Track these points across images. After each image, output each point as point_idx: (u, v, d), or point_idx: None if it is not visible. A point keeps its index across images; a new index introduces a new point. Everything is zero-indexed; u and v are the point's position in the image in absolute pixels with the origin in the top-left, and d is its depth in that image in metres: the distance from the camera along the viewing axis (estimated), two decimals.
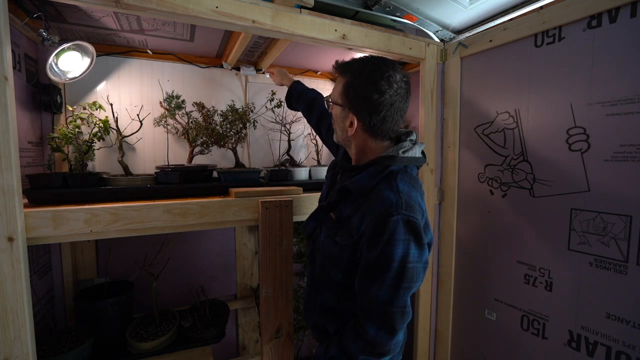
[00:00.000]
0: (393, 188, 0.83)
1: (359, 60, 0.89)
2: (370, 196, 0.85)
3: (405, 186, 0.85)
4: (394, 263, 0.78)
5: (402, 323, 0.82)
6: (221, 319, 1.55)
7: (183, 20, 1.17)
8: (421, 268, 0.83)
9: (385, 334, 0.82)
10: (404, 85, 0.88)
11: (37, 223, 0.97)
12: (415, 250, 0.80)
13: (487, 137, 1.49)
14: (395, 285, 0.79)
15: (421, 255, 0.82)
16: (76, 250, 1.59)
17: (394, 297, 0.80)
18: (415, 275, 0.81)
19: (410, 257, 0.79)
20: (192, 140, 1.59)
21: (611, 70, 1.08)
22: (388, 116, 0.87)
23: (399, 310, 0.81)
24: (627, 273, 1.05)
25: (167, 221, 1.13)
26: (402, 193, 0.82)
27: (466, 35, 1.55)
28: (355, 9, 1.42)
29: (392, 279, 0.79)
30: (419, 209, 0.83)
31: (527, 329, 1.35)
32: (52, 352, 1.21)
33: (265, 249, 1.25)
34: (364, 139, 0.91)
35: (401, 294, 0.80)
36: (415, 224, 0.80)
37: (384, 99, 0.84)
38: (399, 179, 0.85)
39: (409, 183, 0.87)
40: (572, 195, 1.19)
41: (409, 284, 0.80)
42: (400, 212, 0.79)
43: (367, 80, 0.84)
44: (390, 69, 0.86)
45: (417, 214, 0.81)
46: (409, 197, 0.83)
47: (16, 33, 1.25)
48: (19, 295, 0.92)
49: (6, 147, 0.88)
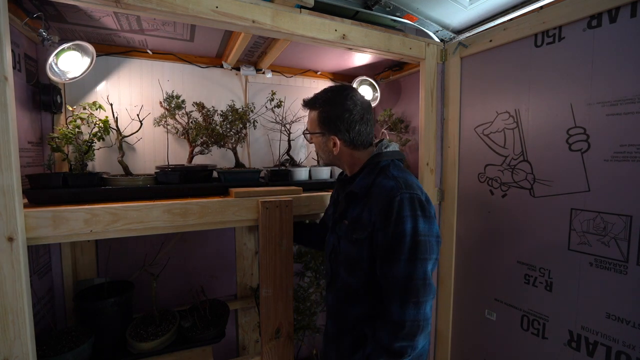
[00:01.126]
0: (389, 176, 0.94)
1: (322, 92, 1.05)
2: (372, 190, 0.94)
3: (399, 172, 0.96)
4: (406, 238, 0.84)
5: (425, 295, 0.84)
6: (221, 319, 1.55)
7: (183, 20, 1.17)
8: (434, 241, 0.88)
9: (410, 310, 0.83)
10: (364, 99, 1.05)
11: (37, 223, 0.97)
12: (423, 223, 0.86)
13: (487, 137, 1.49)
14: (410, 259, 0.84)
15: (431, 228, 0.88)
16: (76, 250, 1.59)
17: (412, 270, 0.84)
18: (428, 247, 0.86)
19: (421, 230, 0.85)
20: (192, 140, 1.59)
21: (611, 70, 1.08)
22: (362, 128, 1.02)
23: (419, 282, 0.83)
24: (627, 273, 1.05)
25: (167, 221, 1.13)
26: (398, 177, 0.92)
27: (466, 35, 1.55)
28: (355, 9, 1.42)
29: (407, 254, 0.84)
30: (417, 187, 0.92)
31: (527, 329, 1.35)
32: (52, 352, 1.21)
33: (265, 249, 1.25)
34: (349, 153, 1.04)
35: (418, 266, 0.84)
36: (418, 199, 0.88)
37: (354, 116, 1.00)
38: (391, 169, 0.97)
39: (401, 170, 0.98)
40: (572, 195, 1.19)
41: (424, 256, 0.85)
42: (401, 191, 0.87)
43: (335, 105, 1.00)
44: (350, 90, 1.03)
45: (417, 190, 0.90)
46: (405, 179, 0.93)
47: (16, 33, 1.25)
48: (19, 295, 0.92)
49: (6, 147, 0.88)
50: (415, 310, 0.83)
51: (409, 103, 2.03)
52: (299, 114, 2.00)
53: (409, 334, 0.84)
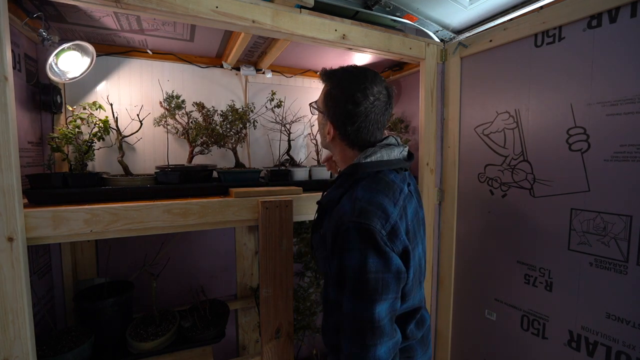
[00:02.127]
0: (352, 196, 0.80)
1: (341, 69, 0.90)
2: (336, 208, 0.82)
3: (366, 192, 0.80)
4: (349, 273, 0.75)
5: (373, 339, 0.73)
6: (221, 319, 1.55)
7: (183, 20, 1.17)
8: (391, 278, 0.75)
9: (356, 350, 0.75)
10: (383, 97, 0.86)
11: (37, 223, 0.97)
12: (375, 259, 0.73)
13: (487, 137, 1.49)
14: (356, 297, 0.75)
15: (387, 264, 0.74)
16: (76, 250, 1.59)
17: (358, 310, 0.74)
18: (381, 286, 0.74)
19: (370, 267, 0.73)
20: (192, 140, 1.59)
21: (611, 70, 1.08)
22: (363, 127, 0.86)
23: (365, 324, 0.73)
24: (627, 273, 1.05)
25: (167, 221, 1.13)
26: (358, 200, 0.78)
27: (466, 35, 1.55)
28: (355, 9, 1.42)
29: (352, 291, 0.75)
30: (379, 214, 0.76)
31: (527, 329, 1.35)
32: (52, 352, 1.21)
33: (265, 249, 1.25)
34: (341, 147, 0.92)
35: (364, 307, 0.73)
36: (368, 231, 0.73)
37: (358, 110, 0.84)
38: (361, 186, 0.82)
39: (374, 188, 0.81)
40: (572, 195, 1.19)
41: (373, 296, 0.73)
42: (351, 219, 0.75)
43: (344, 91, 0.85)
44: (369, 81, 0.85)
45: (373, 220, 0.74)
46: (369, 202, 0.77)
47: (16, 33, 1.25)
48: (19, 295, 0.92)
49: (6, 147, 0.88)
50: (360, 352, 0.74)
51: (409, 103, 2.03)
52: (299, 113, 2.00)
53: None
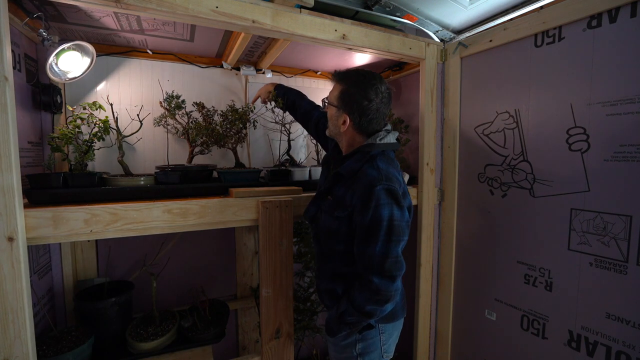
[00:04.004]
0: (374, 166, 1.05)
1: (354, 71, 1.12)
2: (358, 175, 1.06)
3: (384, 164, 1.06)
4: (383, 222, 0.98)
5: (398, 270, 0.99)
6: (221, 319, 1.55)
7: (183, 20, 1.17)
8: (405, 226, 1.03)
9: (386, 281, 0.98)
10: (387, 94, 1.11)
11: (37, 223, 0.97)
12: (397, 211, 1.00)
13: (487, 137, 1.49)
14: (387, 240, 0.99)
15: (402, 215, 1.02)
16: (76, 250, 1.59)
17: (388, 249, 0.98)
18: (401, 230, 1.01)
19: (395, 216, 0.99)
20: (192, 140, 1.59)
21: (611, 70, 1.08)
22: (374, 118, 1.09)
23: (393, 259, 0.99)
24: (627, 273, 1.05)
25: (167, 221, 1.13)
26: (381, 169, 1.03)
27: (466, 35, 1.55)
28: (355, 9, 1.42)
29: (385, 235, 0.98)
30: (396, 180, 1.04)
31: (527, 329, 1.35)
32: (52, 352, 1.21)
33: (265, 249, 1.25)
34: (352, 135, 1.13)
35: (393, 246, 0.99)
36: (394, 191, 1.00)
37: (371, 105, 1.07)
38: (379, 160, 1.07)
39: (387, 162, 1.09)
40: (572, 195, 1.19)
41: (397, 238, 0.99)
42: (382, 182, 0.99)
43: (359, 90, 1.07)
44: (378, 81, 1.09)
45: (395, 184, 1.02)
46: (388, 172, 1.04)
47: (16, 33, 1.25)
48: (19, 295, 0.92)
49: (6, 147, 0.88)
50: (390, 281, 0.98)
51: (408, 103, 2.02)
52: None
53: (381, 301, 1.00)
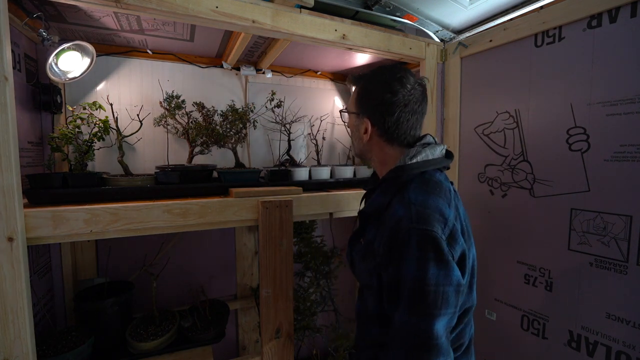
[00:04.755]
0: (404, 200, 0.76)
1: (374, 69, 0.89)
2: (385, 214, 0.79)
3: (419, 194, 0.76)
4: (408, 284, 0.69)
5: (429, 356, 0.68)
6: (221, 319, 1.55)
7: (183, 20, 1.17)
8: (451, 291, 0.69)
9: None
10: (419, 87, 0.84)
11: (37, 223, 0.97)
12: (435, 269, 0.68)
13: (487, 137, 1.49)
14: (413, 311, 0.69)
15: (447, 275, 0.69)
16: (76, 250, 1.59)
17: (414, 325, 0.69)
18: (441, 300, 0.68)
19: (430, 279, 0.67)
20: (192, 140, 1.59)
21: (611, 70, 1.08)
22: (402, 117, 0.82)
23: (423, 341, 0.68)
24: (627, 273, 1.05)
25: (167, 221, 1.13)
26: (412, 204, 0.74)
27: (466, 35, 1.55)
28: (355, 9, 1.42)
29: (410, 304, 0.69)
30: (438, 218, 0.72)
31: (527, 329, 1.35)
32: (52, 352, 1.21)
33: (265, 249, 1.25)
34: (380, 146, 0.87)
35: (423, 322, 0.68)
36: (430, 238, 0.69)
37: (396, 99, 0.81)
38: (412, 189, 0.78)
39: (425, 190, 0.78)
40: (572, 195, 1.19)
41: (430, 310, 0.67)
42: (410, 225, 0.70)
43: (379, 83, 0.84)
44: (403, 71, 0.84)
45: (434, 225, 0.70)
46: (424, 205, 0.73)
47: (16, 33, 1.25)
48: (19, 295, 0.92)
49: (6, 147, 0.88)
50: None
51: None
52: (299, 113, 2.00)
53: None
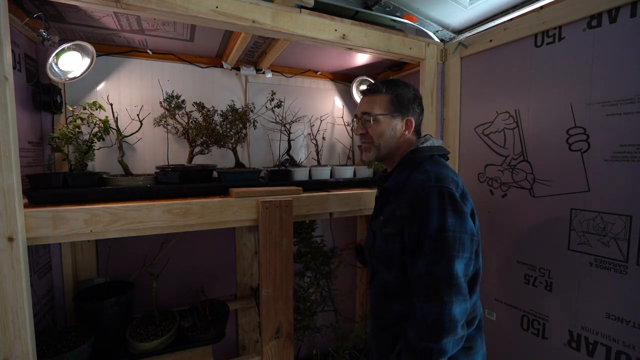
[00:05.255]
0: (422, 171, 0.91)
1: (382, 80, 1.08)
2: (405, 186, 0.92)
3: (433, 166, 0.92)
4: (431, 232, 0.80)
5: (449, 294, 0.78)
6: (221, 319, 1.55)
7: (183, 20, 1.17)
8: (467, 239, 0.82)
9: (432, 307, 0.78)
10: None
11: (37, 223, 0.97)
12: (453, 218, 0.80)
13: (487, 137, 1.49)
14: (435, 255, 0.79)
15: (462, 223, 0.81)
16: (76, 250, 1.59)
17: (435, 267, 0.79)
18: (459, 244, 0.80)
19: (449, 226, 0.80)
20: (192, 140, 1.59)
21: (611, 70, 1.08)
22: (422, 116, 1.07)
23: (443, 279, 0.78)
24: (627, 273, 1.05)
25: (167, 221, 1.13)
26: (429, 171, 0.88)
27: (466, 35, 1.55)
28: (355, 9, 1.42)
29: (433, 249, 0.80)
30: (451, 181, 0.86)
31: (527, 329, 1.35)
32: (52, 352, 1.21)
33: (265, 249, 1.25)
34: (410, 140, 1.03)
35: (443, 263, 0.79)
36: (449, 192, 0.82)
37: (420, 101, 1.05)
38: (426, 164, 0.93)
39: (437, 165, 0.93)
40: (572, 195, 1.19)
41: (450, 253, 0.79)
42: (429, 184, 0.84)
43: (407, 89, 1.03)
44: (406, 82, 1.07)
45: (449, 184, 0.85)
46: (438, 172, 0.88)
47: (16, 33, 1.25)
48: (19, 295, 0.92)
49: (6, 147, 0.88)
50: (437, 308, 0.78)
51: None
52: (299, 113, 2.00)
53: (431, 334, 0.78)
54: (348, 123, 2.12)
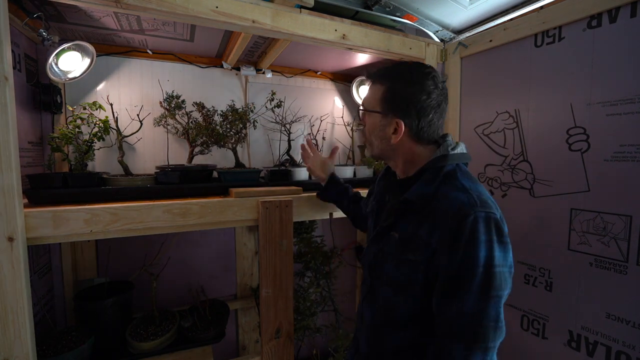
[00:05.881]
0: (459, 187, 0.76)
1: (395, 65, 0.86)
2: (435, 204, 0.77)
3: (470, 182, 0.78)
4: (478, 269, 0.69)
5: (494, 340, 0.70)
6: (221, 319, 1.55)
7: (183, 20, 1.17)
8: (507, 273, 0.72)
9: (477, 356, 0.70)
10: (445, 86, 0.85)
11: (37, 223, 0.97)
12: (499, 252, 0.71)
13: (487, 137, 1.49)
14: (482, 295, 0.69)
15: (506, 257, 0.72)
16: (76, 250, 1.59)
17: (483, 309, 0.69)
18: (502, 281, 0.70)
19: (496, 260, 0.70)
20: (192, 140, 1.59)
21: (611, 70, 1.08)
22: (435, 118, 0.83)
23: (490, 324, 0.69)
24: (627, 273, 1.05)
25: (167, 221, 1.13)
26: (470, 190, 0.75)
27: (466, 35, 1.55)
28: (355, 9, 1.42)
29: (479, 287, 0.69)
30: (493, 204, 0.76)
31: (527, 329, 1.35)
32: (52, 352, 1.21)
33: (265, 249, 1.25)
34: (409, 146, 0.86)
35: (491, 304, 0.69)
36: (495, 221, 0.72)
37: (431, 100, 0.81)
38: (460, 177, 0.79)
39: (471, 179, 0.80)
40: (572, 195, 1.19)
41: (497, 292, 0.69)
42: (476, 209, 0.71)
43: (412, 83, 0.81)
44: (432, 69, 0.83)
45: (494, 209, 0.74)
46: (479, 192, 0.75)
47: (16, 33, 1.25)
48: (19, 295, 0.92)
49: (6, 147, 0.88)
50: (483, 357, 0.70)
51: None
52: (299, 113, 2.00)
53: None
54: (348, 123, 2.13)
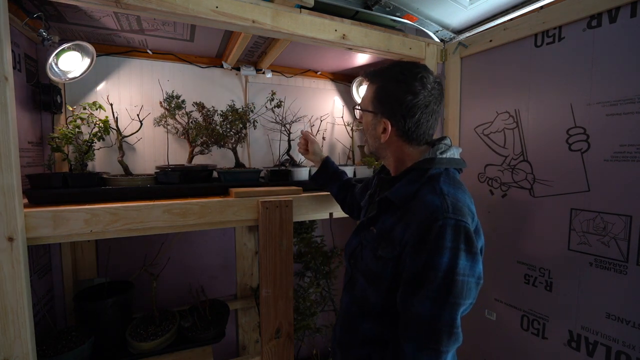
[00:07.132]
0: (436, 191, 0.77)
1: (389, 65, 0.88)
2: (413, 203, 0.79)
3: (450, 188, 0.79)
4: (439, 273, 0.70)
5: (447, 345, 0.71)
6: (221, 319, 1.55)
7: (183, 20, 1.17)
8: (473, 283, 0.73)
9: (426, 356, 0.71)
10: (437, 87, 0.85)
11: (37, 223, 0.97)
12: (465, 261, 0.71)
13: (487, 137, 1.49)
14: (440, 298, 0.70)
15: (473, 267, 0.72)
16: (76, 250, 1.59)
17: (438, 313, 0.70)
18: (465, 290, 0.71)
19: (460, 269, 0.70)
20: (192, 140, 1.59)
21: (611, 70, 1.08)
22: (423, 119, 0.84)
23: (444, 328, 0.70)
24: (627, 273, 1.05)
25: (167, 221, 1.13)
26: (446, 195, 0.76)
27: (466, 35, 1.55)
28: (355, 9, 1.42)
29: (437, 292, 0.70)
30: (468, 212, 0.76)
31: (527, 329, 1.35)
32: (52, 352, 1.21)
33: (265, 249, 1.25)
34: (399, 146, 0.88)
35: (447, 310, 0.70)
36: (465, 229, 0.72)
37: (417, 101, 0.82)
38: (442, 182, 0.80)
39: (453, 185, 0.81)
40: (572, 195, 1.19)
41: (456, 300, 0.70)
42: (446, 215, 0.72)
43: (399, 83, 0.83)
44: (423, 70, 0.84)
45: (467, 217, 0.74)
46: (456, 199, 0.76)
47: (16, 33, 1.25)
48: (19, 295, 0.92)
49: (6, 147, 0.88)
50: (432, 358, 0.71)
51: None
52: (299, 113, 2.00)
53: None
54: (348, 123, 2.13)
